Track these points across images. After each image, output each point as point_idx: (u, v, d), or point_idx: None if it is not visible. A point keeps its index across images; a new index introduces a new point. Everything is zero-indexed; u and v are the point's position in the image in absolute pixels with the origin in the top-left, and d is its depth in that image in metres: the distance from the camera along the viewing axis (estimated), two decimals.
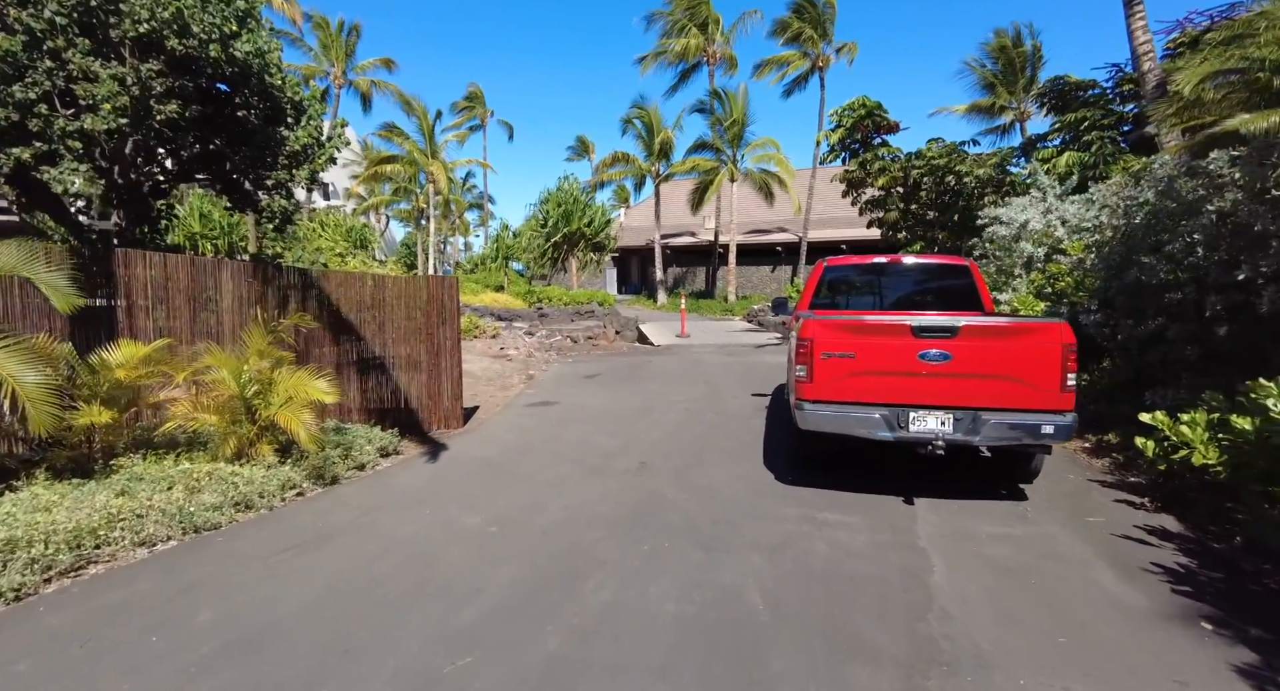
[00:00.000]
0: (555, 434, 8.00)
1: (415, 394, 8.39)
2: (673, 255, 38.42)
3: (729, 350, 16.39)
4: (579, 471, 6.34)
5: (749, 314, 25.79)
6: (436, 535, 4.73)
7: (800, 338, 5.37)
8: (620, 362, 14.28)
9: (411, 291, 8.36)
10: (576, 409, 9.49)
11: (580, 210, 28.90)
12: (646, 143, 31.62)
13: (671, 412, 9.04)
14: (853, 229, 34.24)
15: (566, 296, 27.08)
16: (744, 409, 9.20)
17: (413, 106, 31.13)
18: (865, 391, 5.24)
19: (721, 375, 12.35)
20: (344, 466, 6.45)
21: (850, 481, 5.83)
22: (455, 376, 8.61)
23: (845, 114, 13.92)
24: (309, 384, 6.21)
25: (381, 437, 7.30)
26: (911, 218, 14.70)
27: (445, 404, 8.55)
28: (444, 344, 8.53)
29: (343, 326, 8.02)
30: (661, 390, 10.83)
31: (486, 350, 14.81)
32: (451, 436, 8.12)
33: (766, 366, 13.43)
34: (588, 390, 11.03)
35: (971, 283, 7.06)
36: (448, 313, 8.53)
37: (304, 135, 15.63)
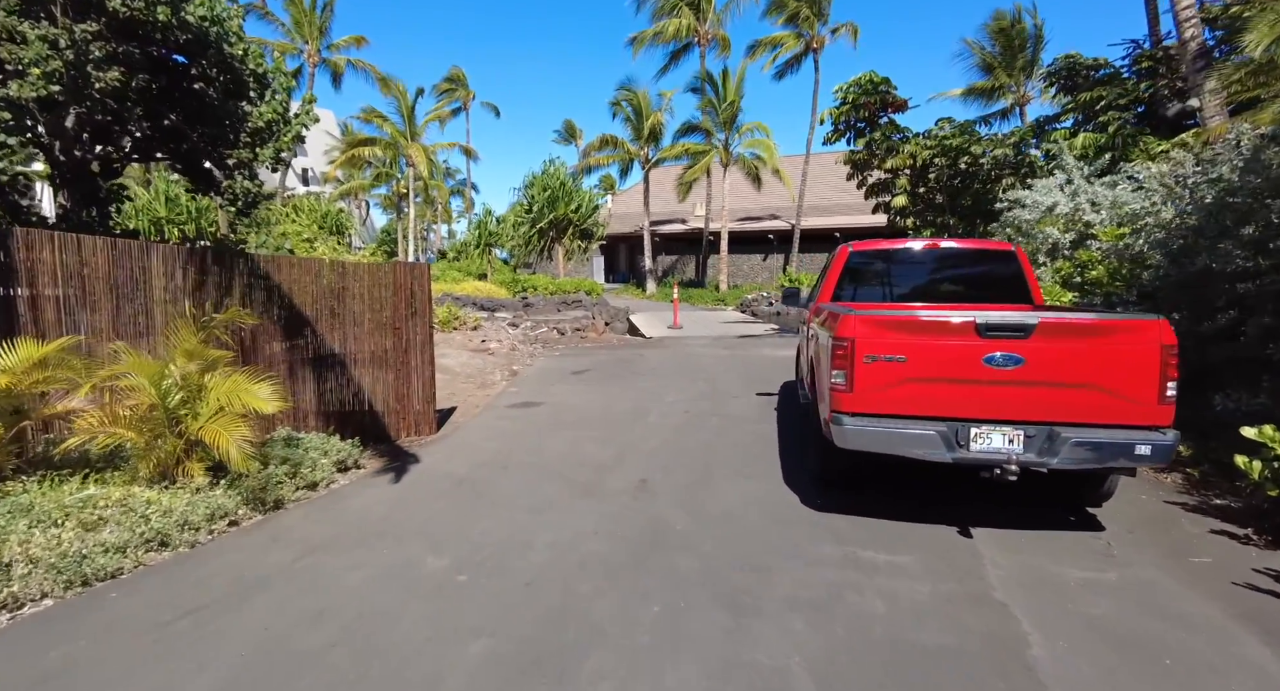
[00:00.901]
0: (540, 442, 7.04)
1: (381, 396, 7.39)
2: (662, 243, 37.42)
3: (725, 342, 15.47)
4: (567, 491, 5.39)
5: (742, 303, 24.89)
6: (392, 586, 3.77)
7: (837, 337, 4.44)
8: (610, 356, 13.33)
9: (376, 280, 7.34)
10: (564, 410, 8.53)
11: (567, 195, 27.79)
12: (635, 126, 30.50)
13: (669, 415, 8.11)
14: (848, 216, 33.41)
15: (553, 285, 26.04)
16: (750, 410, 8.29)
17: (390, 86, 29.80)
18: (917, 402, 4.33)
19: (720, 370, 11.44)
20: (291, 487, 5.46)
21: (890, 504, 4.93)
22: (427, 376, 7.62)
23: (850, 90, 13.01)
24: (247, 390, 5.21)
25: (340, 449, 6.32)
26: (921, 202, 13.82)
27: (416, 407, 7.56)
28: (414, 339, 7.53)
29: (296, 320, 7.00)
30: (656, 388, 9.90)
31: (466, 343, 13.80)
32: (423, 445, 7.14)
33: (767, 361, 12.53)
34: (576, 388, 10.07)
35: (1019, 271, 6.16)
36: (418, 303, 7.53)
37: (268, 111, 14.47)
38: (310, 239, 18.59)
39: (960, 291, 6.29)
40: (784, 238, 33.42)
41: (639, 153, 30.93)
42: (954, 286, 6.36)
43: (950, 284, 6.39)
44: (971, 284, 6.32)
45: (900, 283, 6.48)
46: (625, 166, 32.24)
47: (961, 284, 6.35)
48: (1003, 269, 6.22)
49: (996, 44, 23.16)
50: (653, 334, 17.11)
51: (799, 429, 7.22)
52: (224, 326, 5.66)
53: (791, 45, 29.21)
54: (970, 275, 6.36)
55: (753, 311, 23.57)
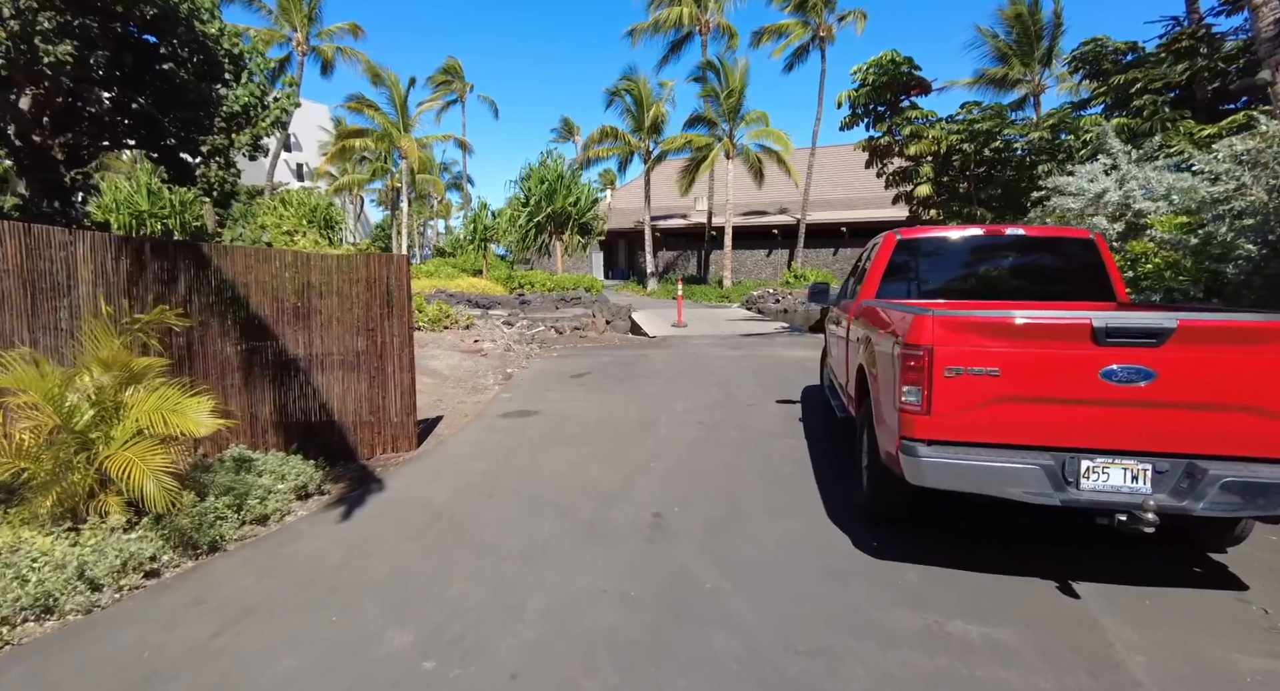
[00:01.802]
0: (533, 461, 6.10)
1: (353, 407, 6.44)
2: (663, 238, 36.47)
3: (734, 342, 14.53)
4: (566, 530, 4.45)
5: (748, 301, 23.95)
6: (333, 683, 2.82)
7: (909, 344, 3.50)
8: (612, 358, 12.38)
9: (346, 274, 6.38)
10: (562, 421, 7.59)
11: (565, 188, 26.77)
12: (636, 117, 29.48)
13: (681, 427, 7.17)
14: (855, 210, 32.46)
15: (551, 281, 25.07)
16: (771, 421, 7.35)
17: (382, 76, 28.75)
18: (1014, 428, 3.39)
19: (732, 374, 10.49)
20: (235, 522, 4.52)
21: (962, 546, 4.00)
22: (406, 384, 6.67)
23: (870, 71, 12.06)
24: (177, 408, 4.26)
25: (299, 471, 5.37)
26: (945, 191, 12.88)
27: (393, 419, 6.61)
28: (390, 341, 6.58)
29: (253, 321, 6.05)
30: (664, 394, 8.95)
31: (458, 343, 12.85)
32: (399, 464, 6.20)
33: (782, 362, 11.58)
34: (575, 394, 9.13)
35: (1098, 262, 5.22)
36: (396, 300, 6.58)
37: (244, 94, 13.44)
38: (290, 231, 17.60)
39: (1029, 287, 5.34)
40: (788, 232, 32.48)
41: (640, 145, 29.92)
42: (1021, 281, 5.41)
43: (1017, 278, 5.44)
44: (1042, 277, 5.38)
45: (957, 276, 5.53)
46: (625, 160, 31.25)
47: (1030, 278, 5.40)
48: (1079, 260, 5.27)
49: (1012, 31, 22.20)
50: (656, 333, 16.17)
51: (836, 447, 6.28)
52: (151, 329, 4.69)
53: (799, 34, 28.24)
54: (1040, 267, 5.42)
55: (759, 308, 22.62)
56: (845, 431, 6.56)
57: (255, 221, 17.85)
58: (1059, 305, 5.03)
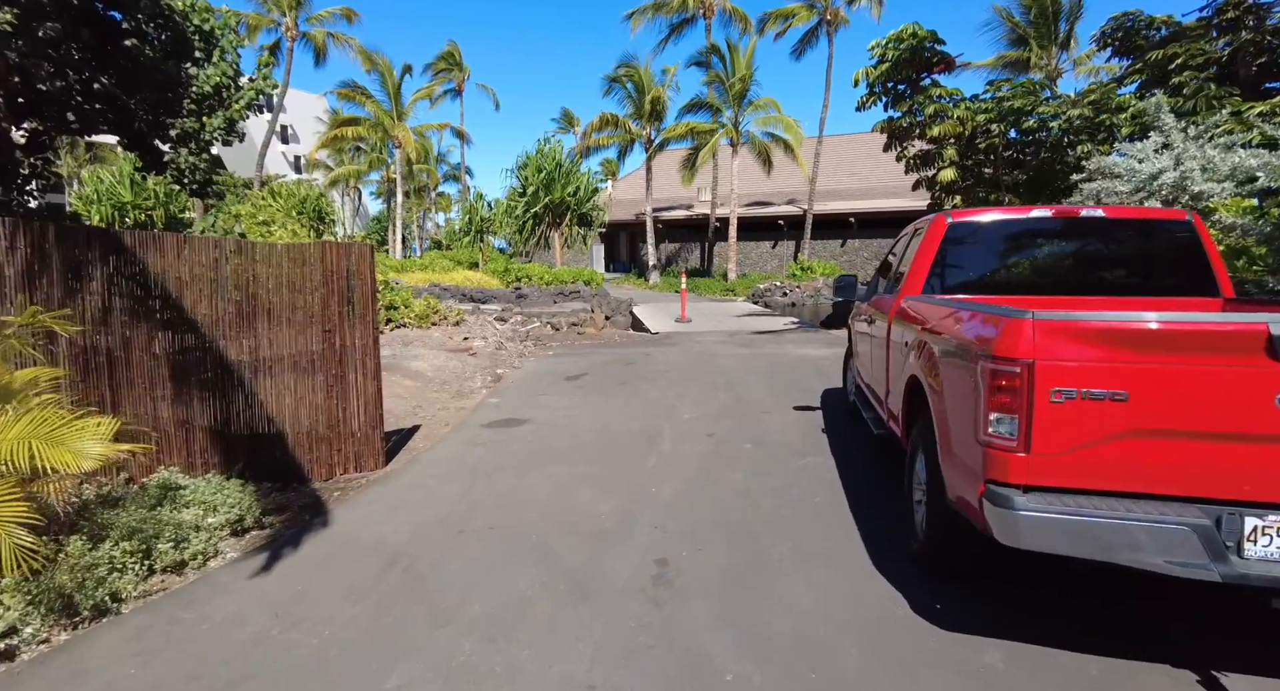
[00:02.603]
0: (517, 483, 5.21)
1: (307, 420, 5.55)
2: (665, 230, 35.53)
3: (742, 339, 13.63)
4: (549, 585, 3.56)
5: (754, 294, 23.04)
6: None
7: (998, 356, 2.60)
8: (611, 356, 11.49)
9: (298, 265, 5.48)
10: (553, 432, 6.71)
11: (564, 176, 25.80)
12: (636, 104, 28.46)
13: (688, 440, 6.28)
14: (863, 201, 31.48)
15: (549, 274, 24.16)
16: (790, 433, 6.45)
17: (375, 62, 27.75)
18: (1150, 472, 2.49)
19: (743, 375, 9.59)
20: (137, 575, 3.63)
21: (1051, 608, 3.11)
22: (371, 392, 5.78)
23: (890, 46, 11.10)
24: (53, 434, 3.37)
25: (234, 501, 4.49)
26: (970, 176, 11.92)
27: (355, 433, 5.72)
28: (352, 344, 5.69)
29: (186, 320, 5.15)
30: (668, 399, 8.06)
31: (446, 341, 11.96)
32: (360, 488, 5.31)
33: (796, 362, 10.68)
34: (570, 399, 8.24)
35: (1198, 249, 4.31)
36: (358, 296, 5.68)
37: (216, 74, 12.54)
38: (268, 222, 16.70)
39: (1111, 279, 4.43)
40: (794, 223, 31.51)
41: (641, 133, 28.91)
42: (1100, 272, 4.50)
43: (1094, 268, 4.52)
44: (1127, 268, 4.46)
45: (1021, 267, 4.61)
46: (625, 148, 30.21)
47: (1111, 268, 4.49)
48: (1174, 247, 4.36)
49: (1030, 12, 21.20)
50: (659, 329, 15.28)
51: (872, 468, 5.38)
52: (27, 335, 3.80)
53: (804, 17, 27.21)
54: (1124, 255, 4.50)
55: (766, 302, 21.72)
56: (884, 449, 5.67)
57: (229, 211, 16.96)
58: (1151, 302, 4.12)
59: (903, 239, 5.54)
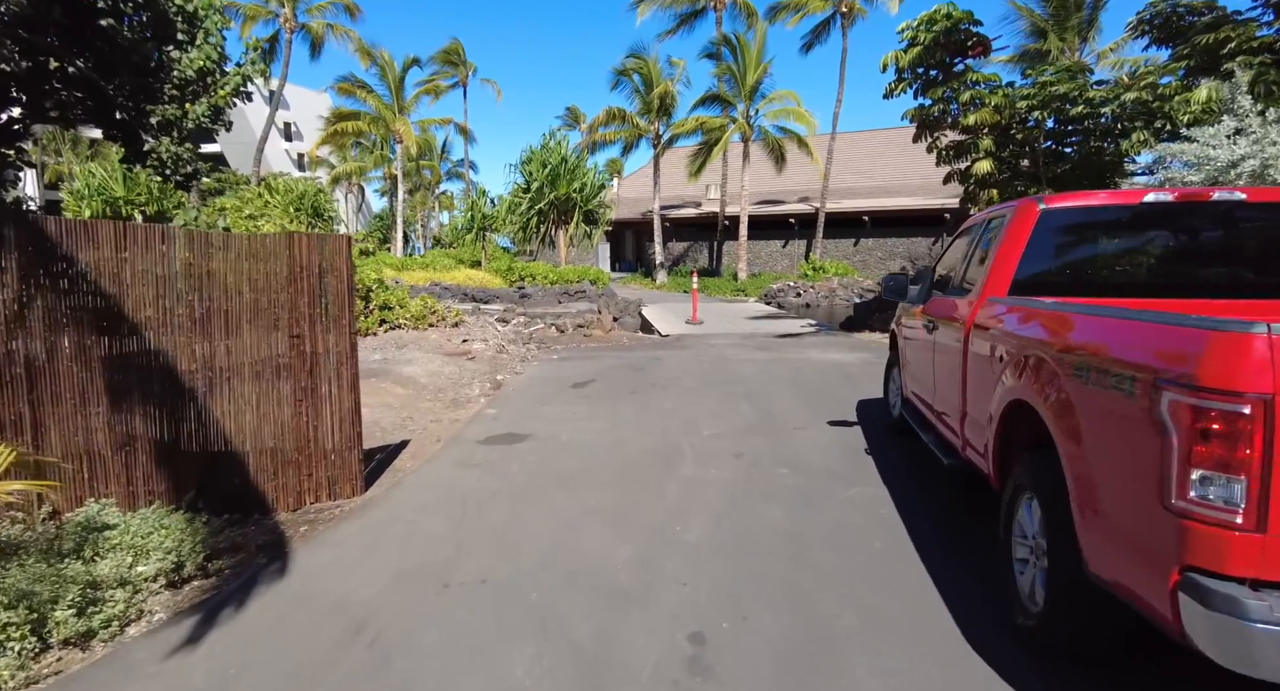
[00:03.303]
0: (513, 518, 4.41)
1: (271, 440, 4.75)
2: (672, 229, 34.70)
3: (758, 342, 12.81)
4: (553, 670, 2.75)
5: (766, 294, 22.21)
6: None
7: (1211, 388, 1.78)
8: (620, 361, 10.69)
9: (260, 260, 4.69)
10: (557, 451, 5.90)
11: (569, 172, 24.99)
12: (644, 98, 27.64)
13: (713, 462, 5.47)
14: (878, 199, 30.62)
15: (554, 273, 23.38)
16: (830, 454, 5.63)
17: (374, 56, 26.99)
18: None
19: (765, 383, 8.78)
20: (21, 654, 2.84)
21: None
22: (347, 407, 4.99)
23: (921, 28, 10.27)
24: None
25: (172, 544, 3.70)
26: (1009, 169, 11.08)
27: (328, 455, 4.93)
28: (326, 351, 4.89)
29: (126, 323, 4.36)
30: (685, 411, 7.26)
31: (443, 344, 11.17)
32: (331, 522, 4.52)
33: (821, 368, 9.86)
34: (576, 410, 7.44)
35: None
36: (333, 296, 4.89)
37: (199, 57, 11.75)
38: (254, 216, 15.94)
39: (1256, 277, 3.60)
40: (805, 222, 30.65)
41: (648, 128, 28.09)
42: (1240, 268, 3.67)
43: (1230, 264, 3.70)
44: (1269, 263, 3.63)
45: (1135, 262, 3.79)
46: (632, 143, 29.36)
47: (1255, 264, 3.66)
48: None
49: (1048, 6, 20.41)
50: (669, 331, 14.47)
51: (935, 500, 4.55)
52: None
53: (819, 7, 26.33)
54: (1272, 247, 3.65)
55: (779, 303, 20.90)
56: (953, 480, 4.82)
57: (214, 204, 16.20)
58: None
59: (970, 231, 4.72)
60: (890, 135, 38.22)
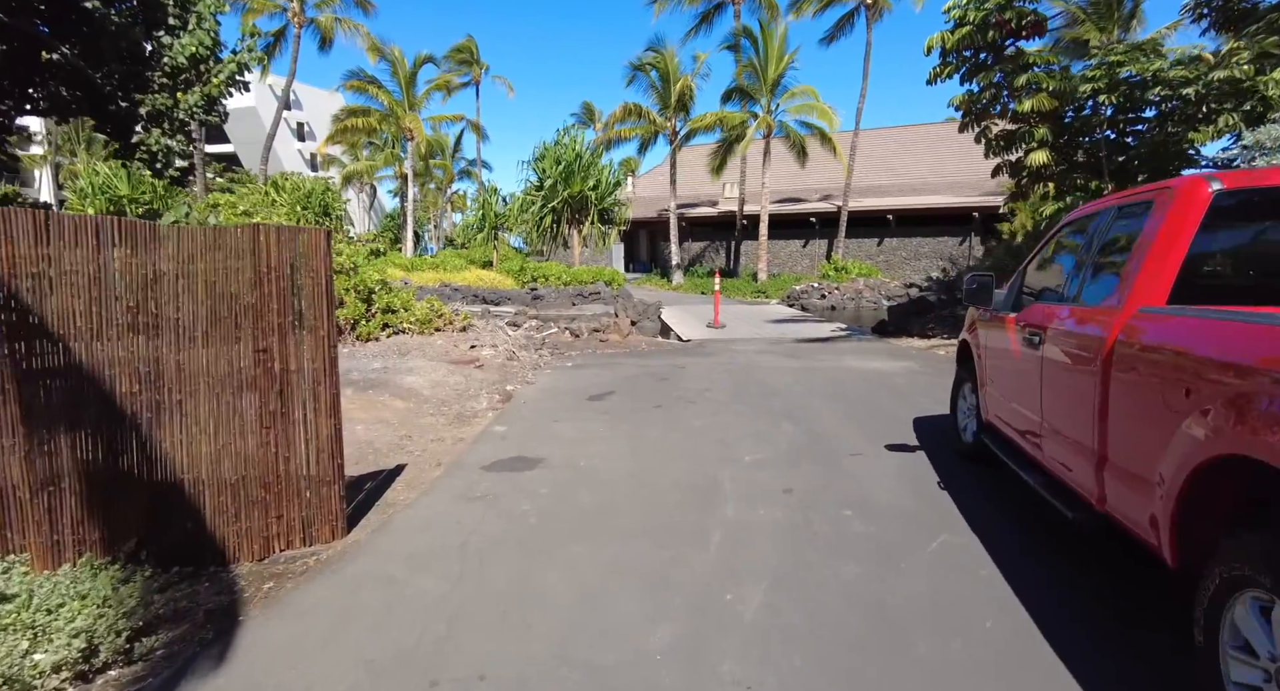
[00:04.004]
0: (523, 579, 3.56)
1: (232, 475, 3.94)
2: (688, 228, 33.84)
3: (788, 349, 11.92)
4: None
5: (789, 296, 21.30)
6: None
7: None
8: (640, 369, 9.84)
9: (219, 258, 3.88)
10: (574, 481, 5.06)
11: (584, 169, 24.16)
12: (661, 94, 26.78)
13: (761, 499, 4.60)
14: (902, 197, 29.61)
15: (567, 274, 22.57)
16: (902, 489, 4.75)
17: (384, 51, 26.31)
18: None
19: (803, 396, 7.90)
20: None
21: None
22: (325, 435, 4.17)
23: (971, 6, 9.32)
24: None
25: (87, 620, 2.89)
26: (1066, 160, 10.11)
27: (302, 492, 4.11)
28: (299, 367, 4.08)
29: (45, 335, 3.56)
30: (718, 430, 6.40)
31: (449, 350, 10.38)
32: (301, 581, 3.70)
33: (862, 379, 8.96)
34: (594, 428, 6.60)
35: None
36: (309, 302, 4.08)
37: (191, 43, 10.99)
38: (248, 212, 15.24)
39: None
40: (826, 221, 29.71)
41: (666, 124, 27.22)
42: None
43: None
44: None
45: None
46: (648, 140, 28.47)
47: None
48: None
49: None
50: (690, 335, 13.62)
51: (1057, 561, 3.64)
52: None
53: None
54: None
55: (803, 305, 19.98)
56: (1076, 535, 3.89)
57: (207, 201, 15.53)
58: None
59: (1084, 224, 3.81)
60: (914, 132, 37.18)
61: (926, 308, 13.83)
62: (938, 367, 9.91)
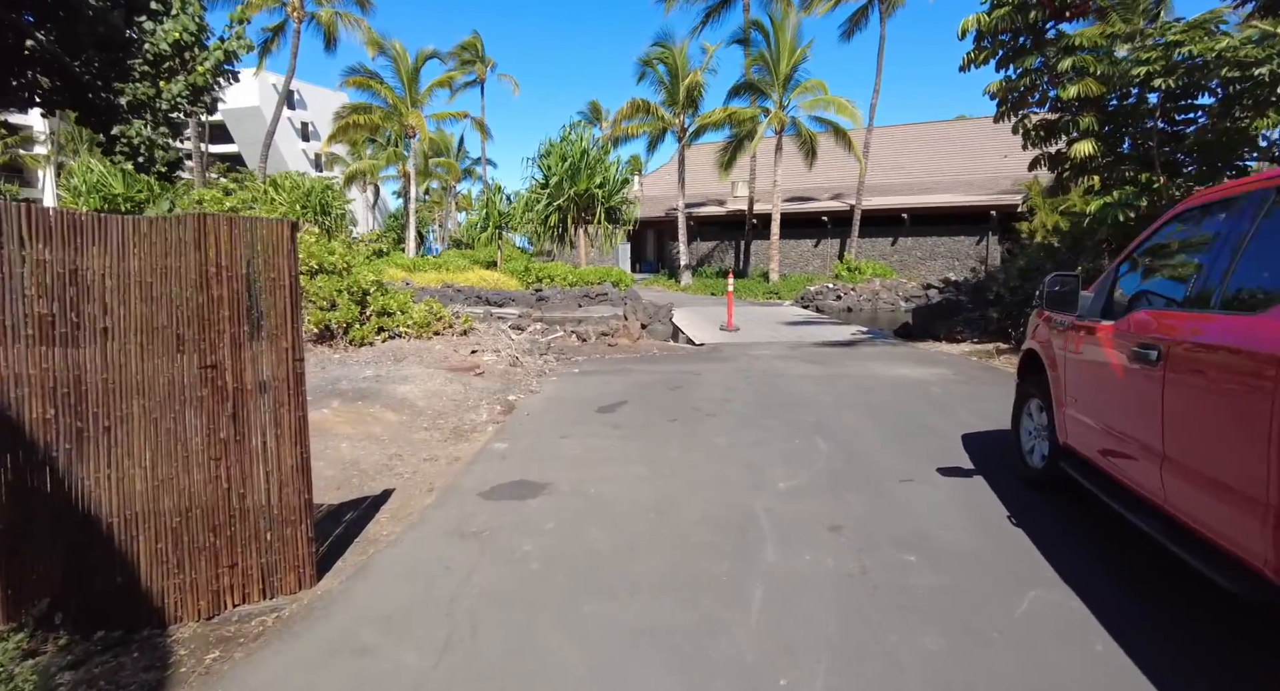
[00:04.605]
0: (520, 652, 2.87)
1: (173, 516, 3.26)
2: (696, 228, 33.14)
3: (808, 354, 11.21)
4: None
5: (803, 297, 20.57)
6: None
7: None
8: (653, 377, 9.15)
9: (160, 252, 3.21)
10: (584, 515, 4.37)
11: (590, 166, 23.48)
12: (670, 90, 26.09)
13: (805, 540, 3.90)
14: (916, 196, 28.87)
15: (573, 274, 21.90)
16: (964, 524, 4.05)
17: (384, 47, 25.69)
18: None
19: (833, 408, 7.20)
20: None
21: None
22: (290, 466, 3.50)
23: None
24: None
25: None
26: (1112, 152, 9.37)
27: (260, 533, 3.44)
28: (255, 385, 3.41)
29: None
30: (746, 449, 5.70)
31: (448, 356, 9.71)
32: (253, 650, 3.02)
33: (893, 387, 8.25)
34: (606, 446, 5.91)
35: None
36: (271, 307, 3.41)
37: (175, 29, 10.36)
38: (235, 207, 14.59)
39: None
40: (838, 220, 28.96)
41: (674, 121, 26.52)
42: None
43: None
44: None
45: None
46: (656, 137, 27.76)
47: None
48: None
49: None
50: (704, 339, 12.92)
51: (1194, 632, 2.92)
52: None
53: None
54: None
55: (818, 307, 19.25)
56: (1209, 595, 3.15)
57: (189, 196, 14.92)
58: None
59: (1234, 207, 3.09)
60: (920, 130, 36.43)
61: (954, 309, 13.09)
62: (973, 375, 9.19)
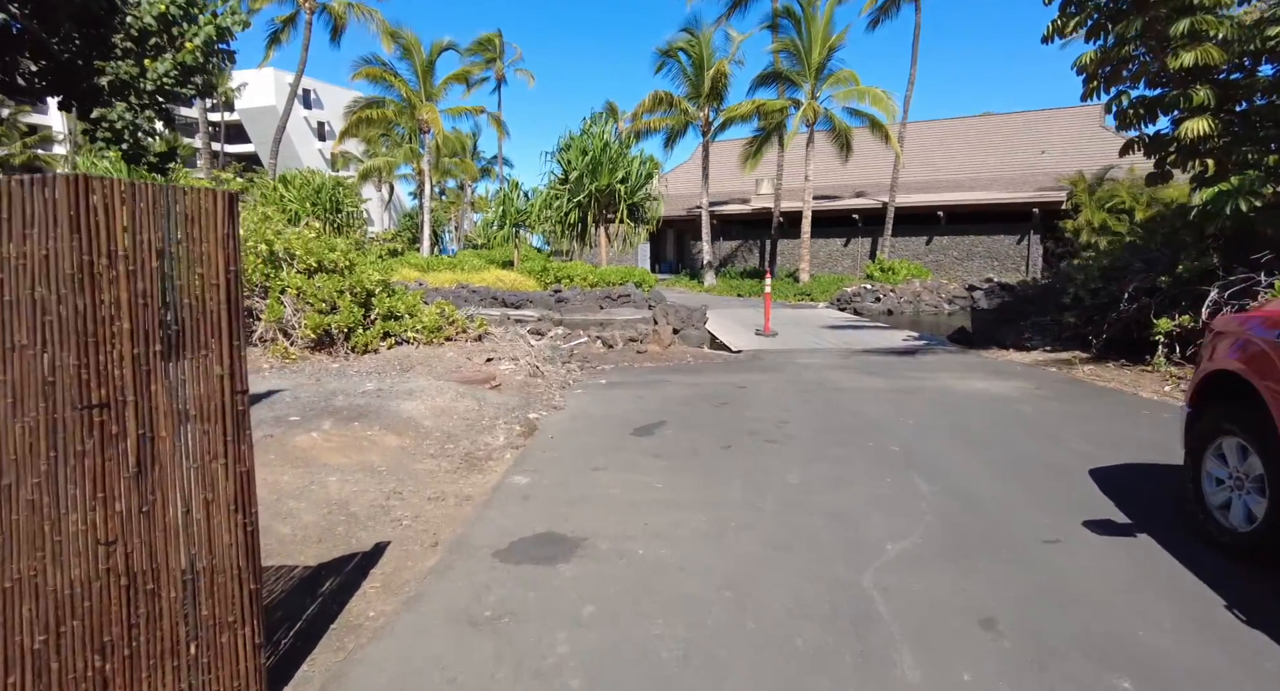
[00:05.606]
0: None
1: (37, 628, 2.18)
2: (719, 226, 31.96)
3: (861, 362, 10.04)
4: None
5: (839, 299, 19.36)
6: None
7: None
8: (692, 390, 8.02)
9: (18, 234, 2.13)
10: (633, 594, 3.25)
11: (611, 161, 22.40)
12: (693, 81, 24.94)
13: (953, 650, 2.77)
14: (951, 193, 27.55)
15: (594, 275, 20.83)
16: (1172, 622, 2.89)
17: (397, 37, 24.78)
18: None
19: (916, 433, 6.04)
20: None
21: None
22: (230, 539, 2.41)
23: None
24: None
25: None
26: (1231, 133, 8.07)
27: (180, 642, 2.34)
28: (176, 426, 2.31)
29: None
30: (825, 491, 4.57)
31: (461, 365, 8.64)
32: None
33: (975, 406, 7.07)
34: (649, 484, 4.80)
35: None
36: (197, 310, 2.32)
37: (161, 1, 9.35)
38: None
39: None
40: (870, 218, 27.70)
41: (698, 114, 25.37)
42: None
43: None
44: None
45: None
46: (678, 132, 26.53)
47: None
48: None
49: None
50: (741, 345, 11.79)
51: None
52: None
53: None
54: None
55: (856, 309, 18.04)
56: None
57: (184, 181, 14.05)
58: None
59: None
60: (957, 125, 35.12)
61: (1019, 313, 11.87)
62: (1061, 390, 7.99)
